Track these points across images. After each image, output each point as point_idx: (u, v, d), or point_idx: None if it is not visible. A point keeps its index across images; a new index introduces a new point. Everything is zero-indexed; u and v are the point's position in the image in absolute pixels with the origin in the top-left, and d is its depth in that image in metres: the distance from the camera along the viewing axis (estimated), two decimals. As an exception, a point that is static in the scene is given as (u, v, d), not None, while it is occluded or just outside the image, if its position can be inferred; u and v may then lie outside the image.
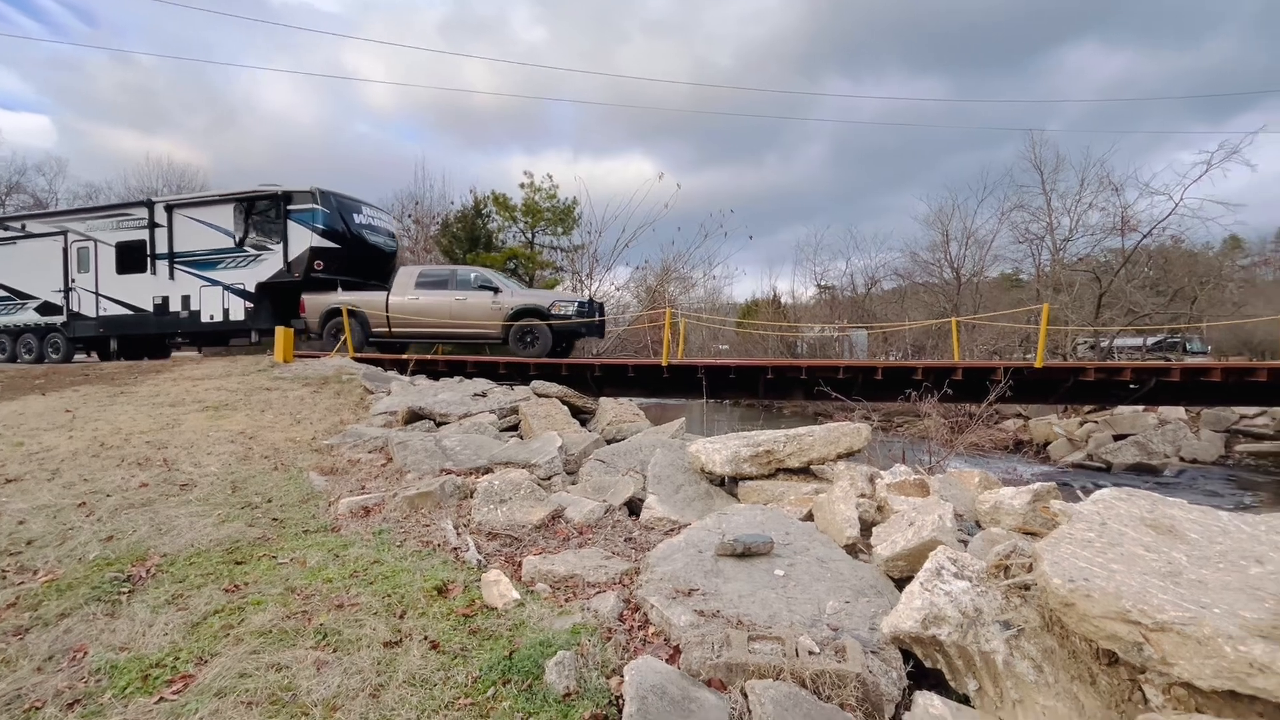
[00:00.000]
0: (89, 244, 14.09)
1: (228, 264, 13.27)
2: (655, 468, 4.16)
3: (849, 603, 2.65)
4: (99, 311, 14.01)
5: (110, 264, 13.91)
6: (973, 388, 10.75)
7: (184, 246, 13.51)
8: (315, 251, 12.74)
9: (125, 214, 14.04)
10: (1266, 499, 10.65)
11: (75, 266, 14.23)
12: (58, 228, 14.36)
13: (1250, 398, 10.97)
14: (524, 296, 12.66)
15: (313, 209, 12.81)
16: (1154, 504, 2.43)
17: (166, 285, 13.62)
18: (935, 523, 2.67)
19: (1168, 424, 14.91)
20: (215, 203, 13.51)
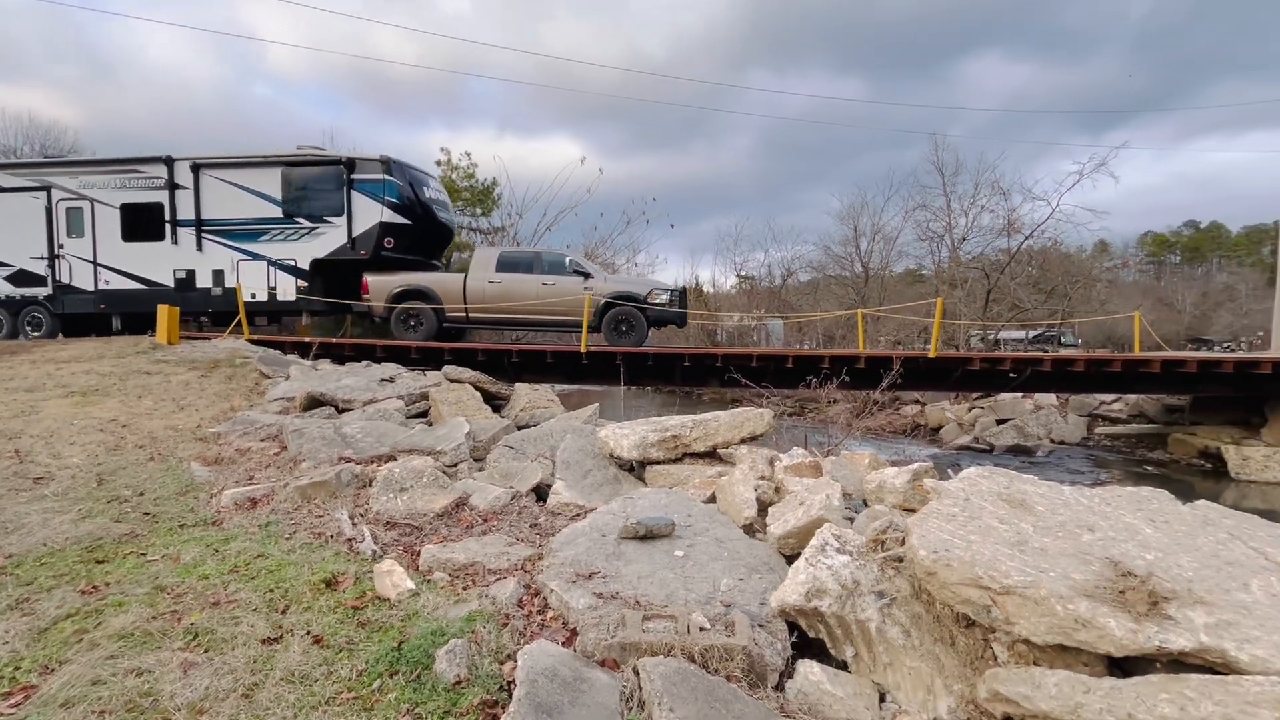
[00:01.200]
0: (82, 204, 11.97)
1: (274, 236, 11.72)
2: (564, 453, 4.15)
3: (742, 580, 2.76)
4: (99, 284, 12.02)
5: (113, 229, 11.93)
6: (875, 376, 11.41)
7: (216, 213, 11.81)
8: (386, 228, 11.55)
9: (135, 171, 11.96)
10: (1117, 475, 12.00)
11: (64, 229, 12.04)
12: (38, 181, 12.09)
13: (1107, 386, 12.31)
14: (619, 283, 12.02)
15: (383, 180, 11.57)
16: (1010, 480, 2.68)
17: (192, 257, 11.84)
18: (823, 502, 2.83)
19: (1041, 409, 16.46)
20: (257, 165, 11.81)
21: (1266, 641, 1.70)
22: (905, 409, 21.15)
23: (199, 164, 11.84)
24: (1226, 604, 1.85)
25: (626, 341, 11.29)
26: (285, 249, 11.76)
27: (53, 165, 12.75)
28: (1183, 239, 67.42)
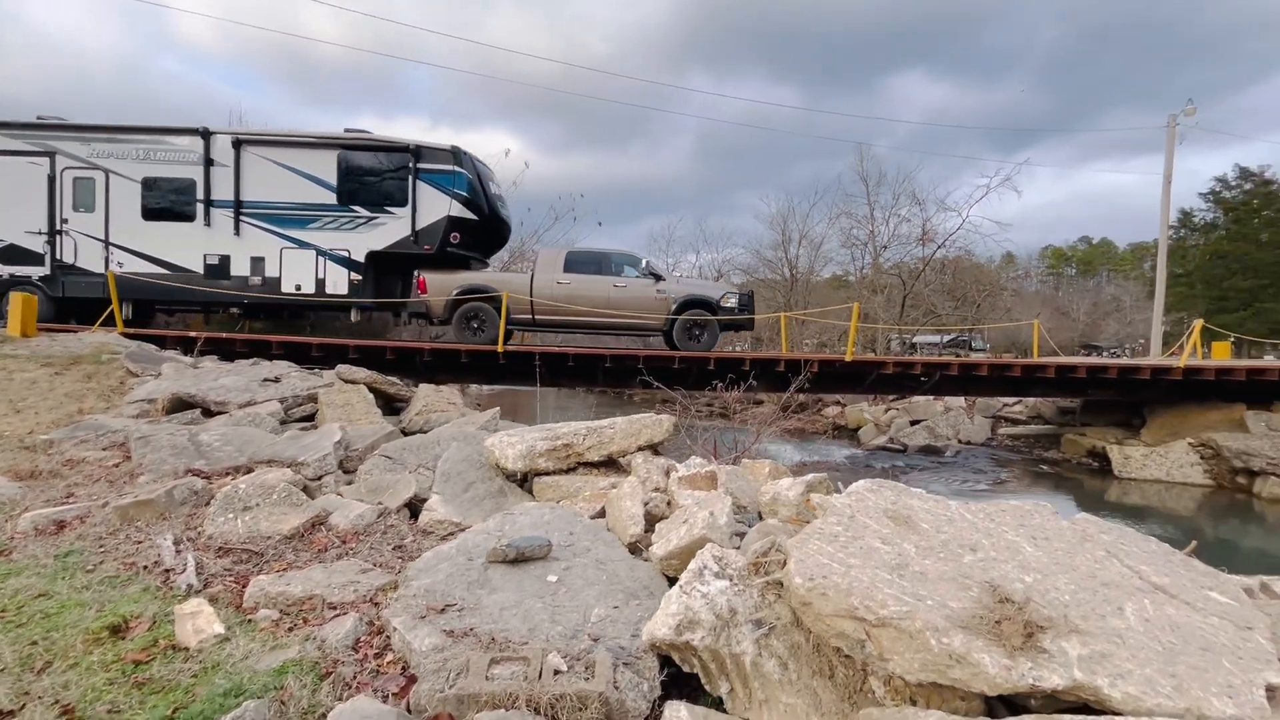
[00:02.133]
0: (94, 174, 10.56)
1: (326, 224, 10.72)
2: (446, 464, 3.78)
3: (618, 608, 2.50)
4: (110, 266, 10.58)
5: (132, 205, 10.58)
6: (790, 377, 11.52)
7: (258, 195, 10.69)
8: (453, 222, 10.77)
9: (163, 142, 10.65)
10: (1017, 474, 12.68)
11: (69, 202, 10.55)
12: (38, 145, 10.56)
13: (1008, 389, 12.97)
14: (692, 286, 11.57)
15: (453, 171, 10.78)
16: (898, 495, 2.55)
17: (227, 241, 10.67)
18: (705, 519, 2.61)
19: (951, 411, 17.25)
20: (310, 146, 10.78)
21: (1138, 676, 1.58)
22: (828, 410, 21.74)
23: (242, 140, 10.76)
24: (1101, 632, 1.74)
25: (697, 347, 10.98)
26: (338, 238, 10.76)
27: (59, 129, 10.94)
28: (1078, 253, 73.05)
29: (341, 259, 10.81)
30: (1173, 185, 18.84)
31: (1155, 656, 1.66)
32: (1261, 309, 32.20)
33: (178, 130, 10.84)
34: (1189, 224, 39.53)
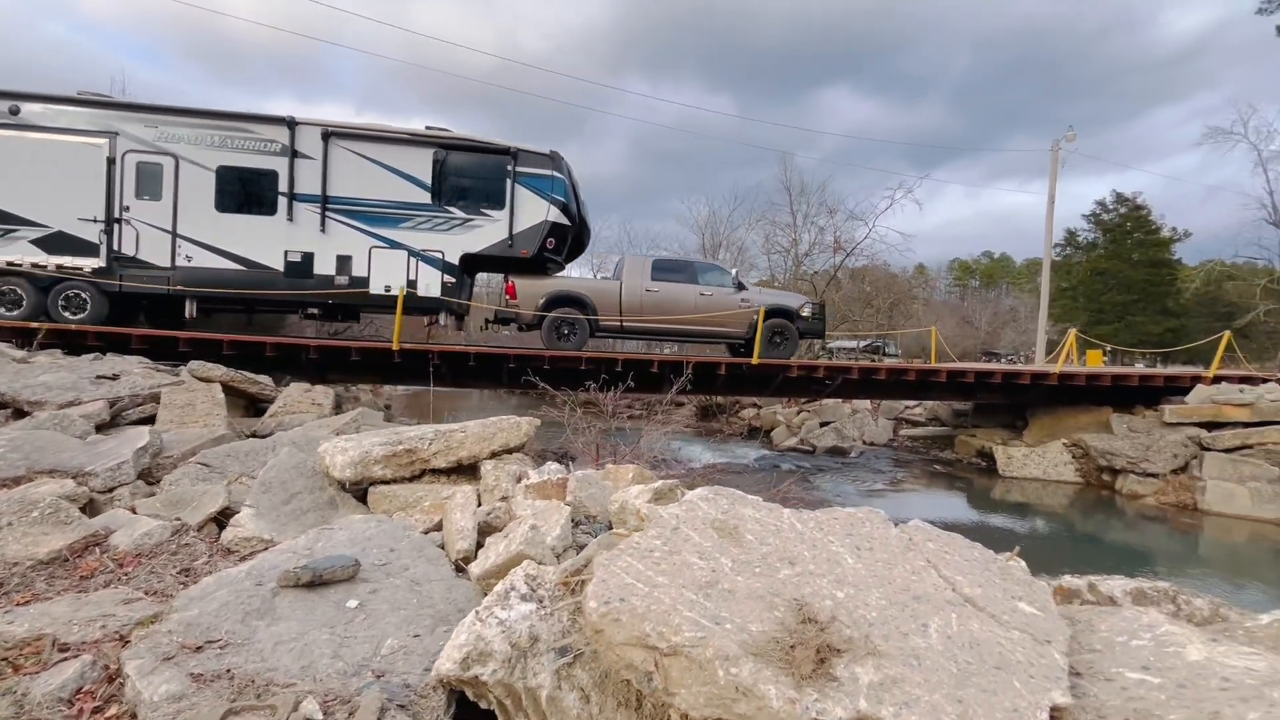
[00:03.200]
0: (162, 160, 9.69)
1: (419, 224, 10.31)
2: (270, 472, 3.36)
3: (418, 637, 2.21)
4: (176, 260, 9.76)
5: (205, 195, 9.79)
6: (704, 379, 11.53)
7: (347, 191, 10.16)
8: (551, 228, 10.56)
9: (243, 130, 9.93)
10: (914, 473, 13.24)
11: (131, 189, 9.62)
12: (98, 125, 9.56)
13: (906, 393, 13.53)
14: (773, 296, 11.81)
15: (552, 177, 10.60)
16: (731, 503, 2.39)
17: (312, 238, 10.06)
18: (525, 534, 2.36)
19: (858, 413, 17.87)
20: (404, 143, 10.32)
21: (925, 703, 1.46)
22: (745, 412, 22.09)
23: (331, 132, 10.14)
24: (900, 654, 1.62)
25: (779, 354, 11.11)
26: (431, 239, 10.37)
27: (123, 108, 9.97)
28: (981, 266, 78.23)
29: (435, 260, 10.41)
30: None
31: (948, 679, 1.55)
32: (1132, 321, 35.48)
33: (260, 118, 10.13)
34: (1073, 242, 43.10)
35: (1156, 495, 10.64)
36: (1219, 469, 10.27)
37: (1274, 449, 10.21)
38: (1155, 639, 1.84)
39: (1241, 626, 2.23)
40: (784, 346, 11.25)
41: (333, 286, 10.19)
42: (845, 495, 11.03)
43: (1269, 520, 9.47)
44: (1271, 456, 10.13)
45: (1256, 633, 2.16)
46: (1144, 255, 37.34)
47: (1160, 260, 37.52)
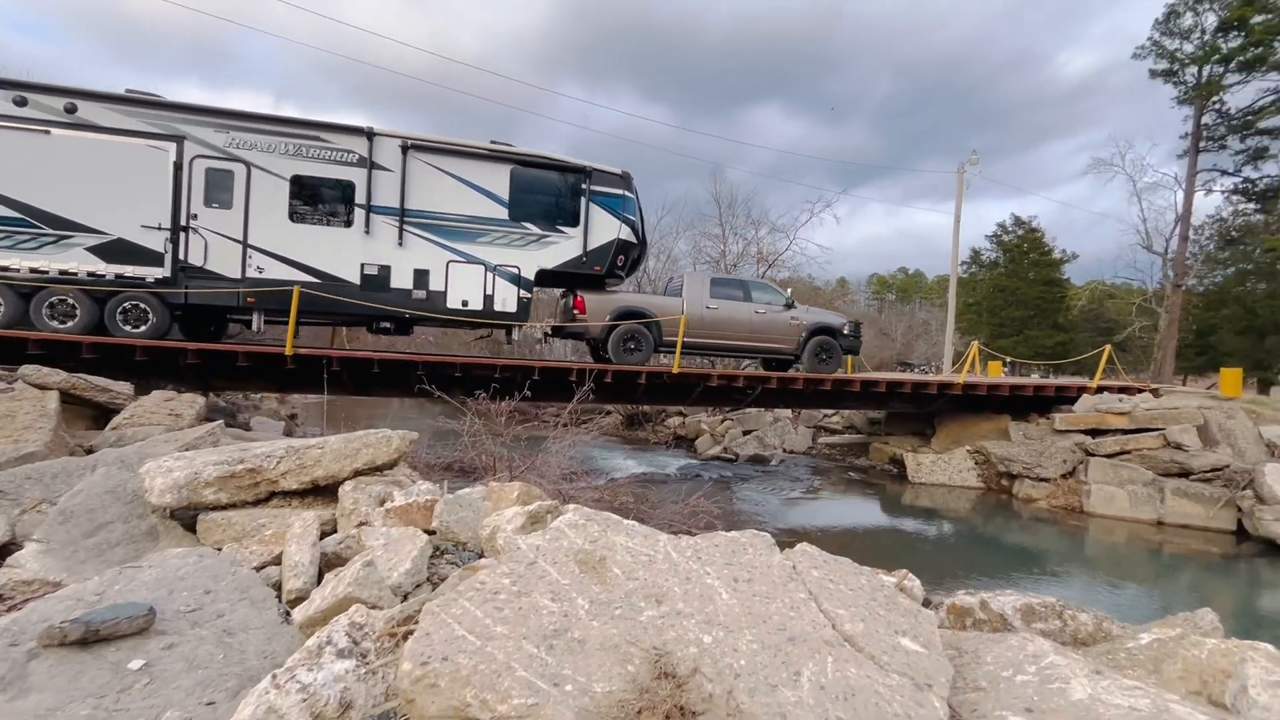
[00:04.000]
0: (233, 167, 9.32)
1: (496, 239, 10.35)
2: (75, 498, 2.82)
3: (212, 705, 1.81)
4: (247, 270, 9.37)
5: (277, 204, 9.50)
6: (624, 388, 11.30)
7: (425, 204, 10.08)
8: (621, 245, 10.85)
9: (318, 139, 9.67)
10: (831, 480, 13.52)
11: (200, 196, 9.22)
12: (164, 128, 9.09)
13: (822, 402, 13.82)
14: (818, 315, 12.28)
15: (623, 195, 10.94)
16: (604, 530, 2.12)
17: (389, 251, 9.91)
18: (356, 572, 2.00)
19: (779, 421, 18.18)
20: (482, 157, 10.32)
21: (786, 778, 1.23)
22: (671, 421, 22.07)
23: (410, 144, 9.98)
24: (766, 712, 1.40)
25: (825, 368, 11.59)
26: (508, 254, 10.39)
27: (192, 111, 9.38)
28: (897, 281, 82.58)
29: (511, 276, 10.41)
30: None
31: (816, 742, 1.34)
32: (1029, 336, 38.17)
33: (337, 127, 9.88)
34: (978, 261, 46.09)
35: (1048, 499, 11.27)
36: (1102, 473, 10.99)
37: (1148, 454, 11.04)
38: (1040, 672, 1.71)
39: (1124, 648, 2.18)
40: (829, 362, 11.77)
41: (410, 300, 10.02)
42: (765, 504, 11.06)
43: (1144, 521, 10.19)
44: (1146, 461, 10.95)
45: (1138, 654, 2.10)
46: (1039, 275, 40.32)
47: (1052, 279, 40.62)
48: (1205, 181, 30.72)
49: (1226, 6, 28.20)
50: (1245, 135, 29.10)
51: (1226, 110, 29.52)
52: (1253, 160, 29.41)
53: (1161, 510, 10.18)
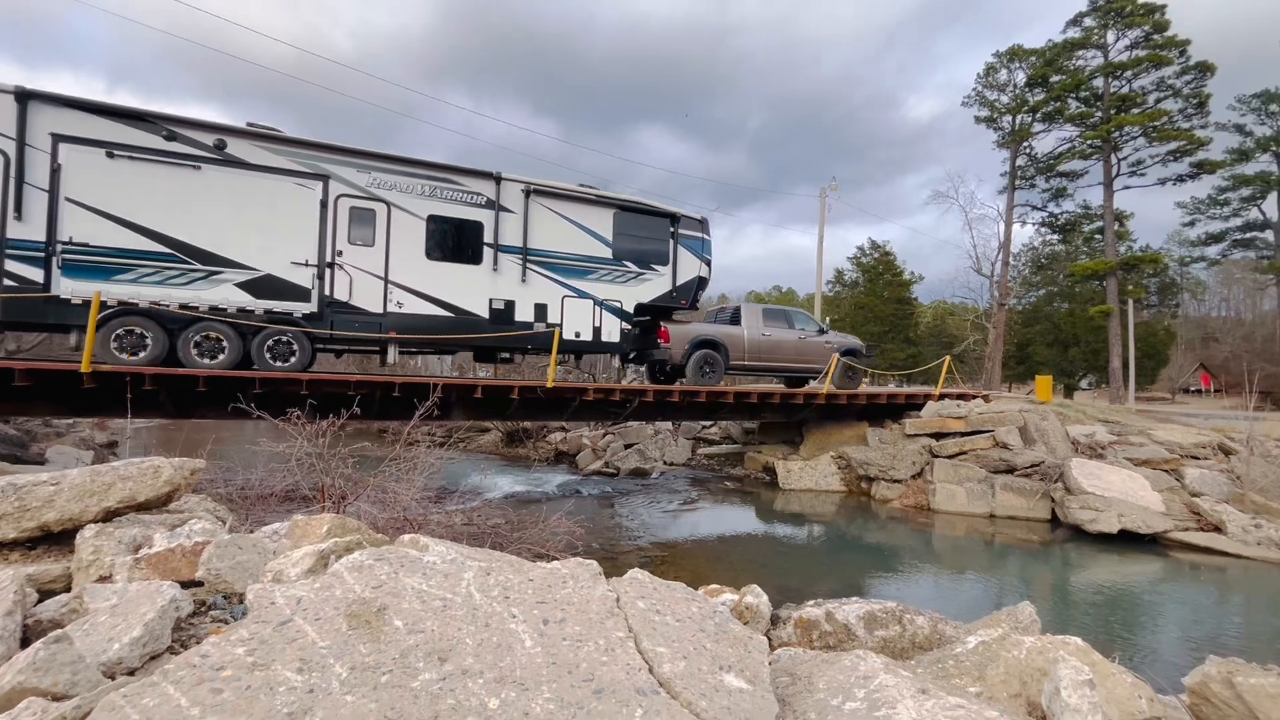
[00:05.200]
0: (374, 206, 9.58)
1: (602, 276, 11.31)
2: None
3: None
4: (388, 306, 9.58)
5: (415, 242, 9.81)
6: (496, 404, 10.77)
7: (544, 244, 10.80)
8: (700, 281, 12.22)
9: (450, 181, 10.10)
10: (709, 490, 13.74)
11: (344, 233, 9.38)
12: (308, 167, 9.22)
13: (699, 413, 14.06)
14: (843, 339, 13.87)
15: (702, 237, 12.30)
16: (395, 572, 1.77)
17: (513, 287, 10.53)
18: (33, 655, 1.49)
19: (660, 434, 18.31)
20: (590, 202, 11.30)
21: None
22: (552, 436, 21.57)
23: (532, 189, 10.85)
24: (549, 795, 1.13)
25: (851, 385, 13.46)
26: (612, 290, 11.46)
27: (336, 151, 9.55)
28: (773, 298, 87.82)
29: (615, 309, 11.43)
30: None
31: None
32: (885, 349, 41.85)
33: (469, 171, 10.49)
34: (841, 280, 50.03)
35: (901, 499, 12.14)
36: (944, 473, 12.02)
37: (981, 453, 12.25)
38: (869, 697, 1.60)
39: (952, 654, 2.16)
40: (854, 379, 13.66)
41: (531, 333, 10.73)
42: (641, 518, 10.95)
43: (979, 515, 11.24)
44: (980, 460, 12.13)
45: (964, 661, 2.08)
46: (892, 294, 44.49)
47: (903, 298, 45.00)
48: (1020, 215, 35.45)
49: (1032, 65, 32.86)
50: (1049, 176, 33.96)
51: (1034, 154, 34.32)
52: (1055, 198, 34.38)
53: (993, 504, 11.29)
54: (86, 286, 8.11)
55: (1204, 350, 50.55)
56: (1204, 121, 29.91)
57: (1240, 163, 31.62)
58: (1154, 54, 29.47)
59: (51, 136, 8.10)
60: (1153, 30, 29.76)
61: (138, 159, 8.45)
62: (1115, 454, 11.98)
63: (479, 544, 5.82)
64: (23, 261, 7.97)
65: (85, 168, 8.23)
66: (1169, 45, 29.32)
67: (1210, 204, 33.14)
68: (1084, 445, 12.47)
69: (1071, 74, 31.38)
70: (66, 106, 8.20)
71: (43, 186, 8.07)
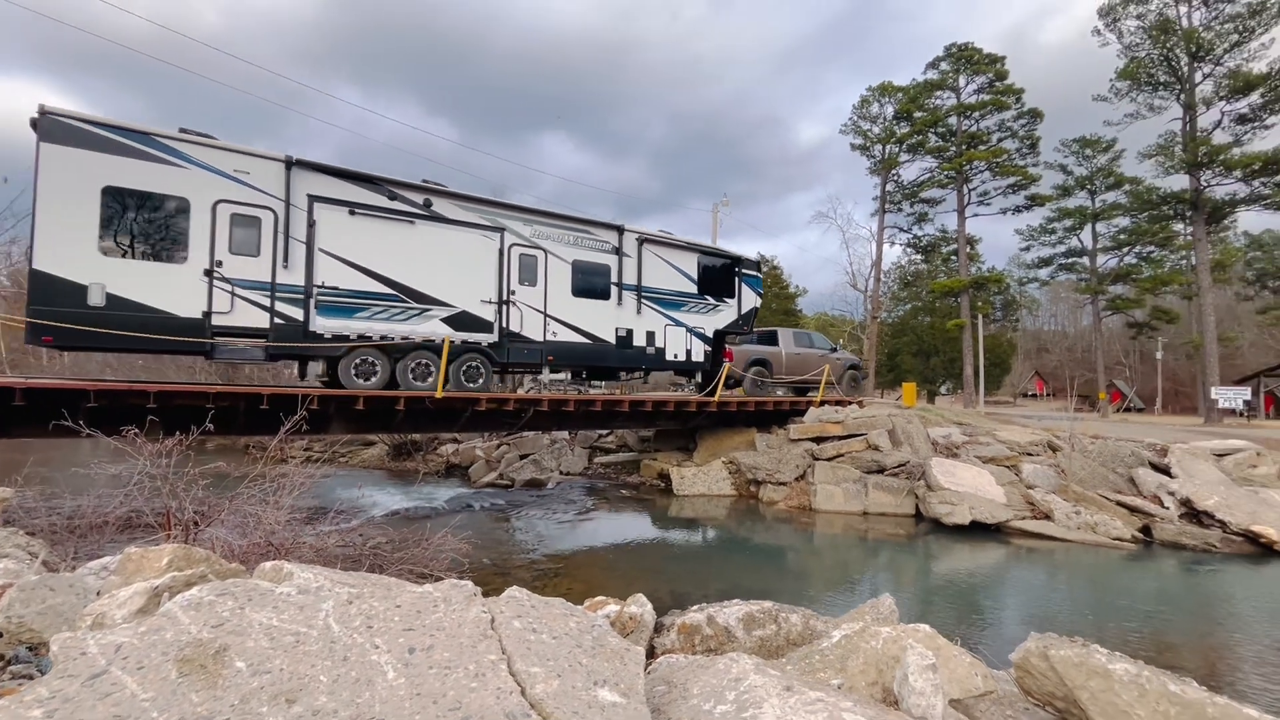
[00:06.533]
0: (536, 253, 11.79)
1: (690, 308, 13.85)
2: None
3: None
4: (546, 335, 11.78)
5: (564, 283, 12.07)
6: (380, 416, 10.17)
7: (652, 282, 13.29)
8: (755, 310, 15.06)
9: (587, 232, 12.54)
10: (606, 499, 13.76)
11: (515, 276, 11.51)
12: (490, 221, 11.36)
13: (595, 422, 14.08)
14: (848, 356, 17.04)
15: (756, 275, 15.24)
16: (240, 607, 1.61)
17: (631, 318, 12.96)
18: None
19: (556, 443, 18.11)
20: (682, 248, 13.91)
21: None
22: (444, 448, 20.70)
23: (644, 238, 13.20)
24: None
25: (857, 394, 16.48)
26: (697, 319, 13.99)
27: (509, 208, 11.75)
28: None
29: (700, 334, 13.87)
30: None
31: None
32: (772, 357, 44.21)
33: (600, 224, 12.77)
34: (733, 291, 52.30)
35: (786, 500, 12.80)
36: (824, 474, 12.83)
37: (856, 455, 13.21)
38: (738, 699, 1.66)
39: (819, 650, 2.30)
40: (858, 387, 16.90)
41: (644, 355, 13.08)
42: (535, 530, 10.75)
43: (855, 512, 12.10)
44: (855, 461, 13.08)
45: (829, 655, 2.23)
46: (780, 306, 47.06)
47: (789, 310, 47.74)
48: (890, 236, 38.82)
49: (899, 101, 36.19)
50: (913, 202, 37.48)
51: (901, 181, 37.76)
52: (918, 222, 37.99)
53: (866, 502, 12.19)
54: (333, 323, 9.76)
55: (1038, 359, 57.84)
56: (1035, 160, 34.36)
57: (1064, 198, 36.59)
58: (995, 99, 33.48)
59: (308, 197, 9.63)
60: (995, 78, 33.82)
61: (370, 215, 10.14)
62: (967, 453, 13.35)
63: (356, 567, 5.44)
64: (288, 302, 9.42)
65: (333, 223, 9.82)
66: (1007, 92, 33.43)
67: (1041, 232, 38.03)
68: (942, 445, 13.79)
69: (931, 111, 34.92)
70: (319, 171, 9.79)
71: (301, 239, 9.56)
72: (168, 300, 8.53)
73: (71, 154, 8.02)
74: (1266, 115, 27.26)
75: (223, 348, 8.98)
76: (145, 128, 8.60)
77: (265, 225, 9.26)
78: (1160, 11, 28.28)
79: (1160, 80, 28.91)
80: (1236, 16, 26.55)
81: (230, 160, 9.04)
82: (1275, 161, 26.20)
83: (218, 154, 8.95)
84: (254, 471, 5.94)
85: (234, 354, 9.24)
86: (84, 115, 8.22)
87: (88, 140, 8.11)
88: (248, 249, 9.13)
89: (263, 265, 9.21)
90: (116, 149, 8.30)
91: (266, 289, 9.23)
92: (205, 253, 8.83)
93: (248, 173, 9.19)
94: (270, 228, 9.29)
